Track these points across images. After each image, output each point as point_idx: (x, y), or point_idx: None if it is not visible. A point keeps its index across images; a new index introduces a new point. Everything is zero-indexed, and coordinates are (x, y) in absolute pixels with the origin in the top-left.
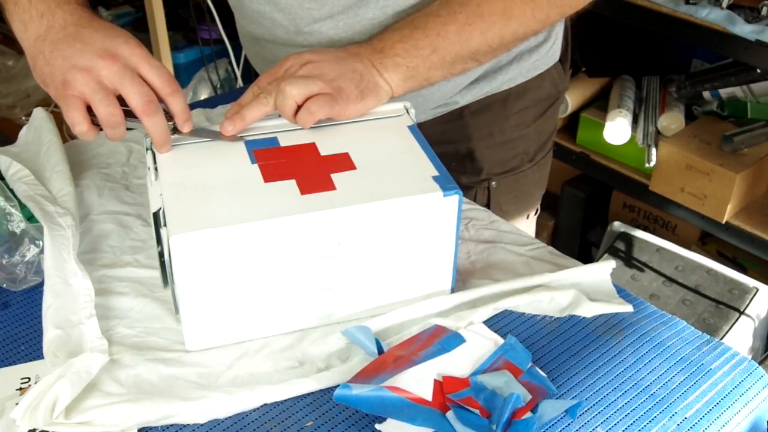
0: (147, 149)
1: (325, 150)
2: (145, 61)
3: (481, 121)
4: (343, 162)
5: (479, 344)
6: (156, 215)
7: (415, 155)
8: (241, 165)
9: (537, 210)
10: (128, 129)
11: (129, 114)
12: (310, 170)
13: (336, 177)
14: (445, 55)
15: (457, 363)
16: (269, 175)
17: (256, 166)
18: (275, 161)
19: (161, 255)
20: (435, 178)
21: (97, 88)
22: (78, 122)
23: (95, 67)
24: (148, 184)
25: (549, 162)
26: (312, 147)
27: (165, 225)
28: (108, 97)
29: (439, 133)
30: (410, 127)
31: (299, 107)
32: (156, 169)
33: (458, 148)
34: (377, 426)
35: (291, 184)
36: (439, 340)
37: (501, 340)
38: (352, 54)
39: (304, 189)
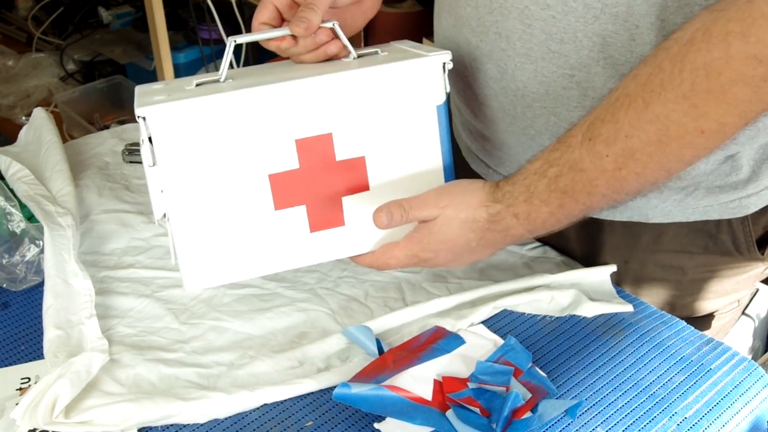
0: (142, 141)
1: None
2: None
3: (617, 243)
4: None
5: (479, 345)
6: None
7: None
8: None
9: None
10: None
11: None
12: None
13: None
14: (594, 209)
15: (457, 364)
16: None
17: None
18: None
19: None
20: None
21: None
22: None
23: None
24: (146, 172)
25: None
26: None
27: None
28: None
29: (573, 238)
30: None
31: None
32: (153, 153)
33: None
34: (376, 425)
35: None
36: (439, 341)
37: (501, 341)
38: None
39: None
